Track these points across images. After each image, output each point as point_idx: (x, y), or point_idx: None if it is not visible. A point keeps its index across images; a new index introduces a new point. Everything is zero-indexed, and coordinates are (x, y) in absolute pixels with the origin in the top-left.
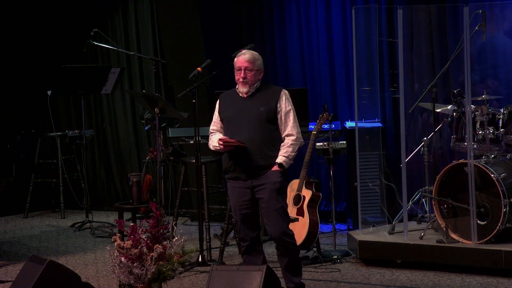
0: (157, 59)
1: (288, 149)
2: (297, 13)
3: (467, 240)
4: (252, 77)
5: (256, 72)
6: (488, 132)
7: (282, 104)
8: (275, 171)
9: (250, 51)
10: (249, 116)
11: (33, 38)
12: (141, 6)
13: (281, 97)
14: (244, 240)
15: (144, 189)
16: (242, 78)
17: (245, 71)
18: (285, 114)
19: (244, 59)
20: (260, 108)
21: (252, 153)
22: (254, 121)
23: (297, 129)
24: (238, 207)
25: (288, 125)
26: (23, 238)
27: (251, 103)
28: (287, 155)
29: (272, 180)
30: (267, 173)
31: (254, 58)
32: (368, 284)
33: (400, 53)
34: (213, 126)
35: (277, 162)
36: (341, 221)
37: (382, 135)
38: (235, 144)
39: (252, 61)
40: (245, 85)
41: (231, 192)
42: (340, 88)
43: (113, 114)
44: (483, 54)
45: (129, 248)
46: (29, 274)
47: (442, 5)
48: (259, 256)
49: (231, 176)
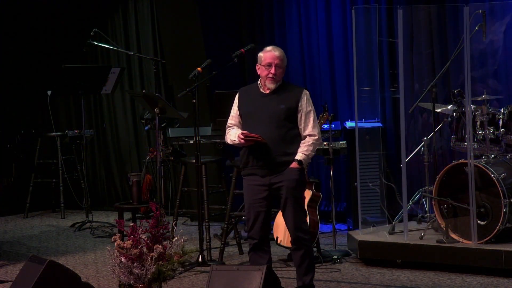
0: (157, 59)
1: (309, 148)
2: (297, 13)
3: (467, 240)
4: (280, 74)
5: (284, 70)
6: (488, 132)
7: (304, 103)
8: (293, 169)
9: (278, 48)
10: (268, 113)
11: (33, 38)
12: (141, 6)
13: (303, 97)
14: (252, 238)
15: (144, 189)
16: (272, 75)
17: (276, 67)
18: (306, 114)
19: (275, 55)
20: (281, 105)
21: (271, 150)
22: (273, 118)
23: (318, 130)
24: (252, 204)
25: (309, 125)
26: (23, 238)
27: (272, 100)
28: (307, 153)
29: (290, 177)
30: (285, 170)
31: (284, 56)
32: (368, 284)
33: (400, 53)
34: (231, 121)
35: (296, 159)
36: (341, 221)
37: (382, 135)
38: (257, 139)
39: (282, 58)
40: (273, 82)
41: (247, 189)
42: (340, 88)
43: (113, 114)
44: (483, 54)
45: (129, 248)
46: (29, 274)
47: (442, 5)
48: (265, 256)
49: (248, 172)
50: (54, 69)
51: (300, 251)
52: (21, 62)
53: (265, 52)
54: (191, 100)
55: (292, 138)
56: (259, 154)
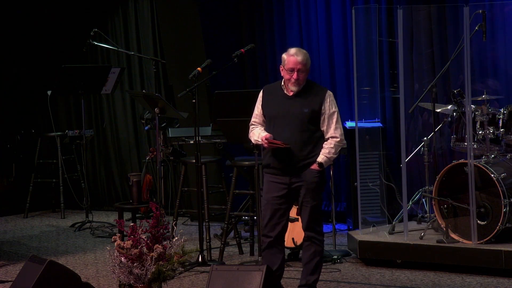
0: (157, 59)
1: (331, 150)
2: (297, 13)
3: (467, 240)
4: (304, 78)
5: (307, 73)
6: (488, 132)
7: (327, 106)
8: (313, 170)
9: (302, 51)
10: (292, 116)
11: (33, 38)
12: (141, 6)
13: (326, 99)
14: (266, 236)
15: (144, 189)
16: (295, 80)
17: (298, 72)
18: (329, 116)
19: (297, 61)
20: (305, 110)
21: (294, 153)
22: (297, 122)
23: (341, 131)
24: (270, 201)
25: (331, 127)
26: (23, 238)
27: (296, 102)
28: (329, 156)
29: (309, 179)
30: (305, 171)
31: (307, 59)
32: (368, 284)
33: (400, 53)
34: (255, 119)
35: (318, 161)
36: (341, 221)
37: (382, 135)
38: (280, 145)
39: (305, 63)
40: (297, 85)
41: (267, 186)
42: (340, 88)
43: (113, 114)
44: (483, 54)
45: (129, 248)
46: (29, 274)
47: (442, 5)
48: (279, 254)
49: (271, 171)
50: (54, 69)
51: (311, 249)
52: (21, 62)
53: (289, 56)
54: (191, 100)
55: (315, 141)
56: (282, 157)
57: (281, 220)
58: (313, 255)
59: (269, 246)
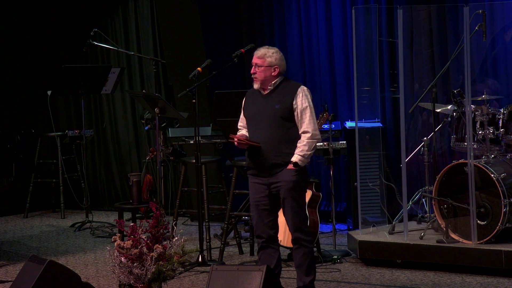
0: (157, 59)
1: (304, 148)
2: (297, 13)
3: (467, 240)
4: (261, 74)
5: (265, 69)
6: (488, 132)
7: (299, 101)
8: (290, 170)
9: (266, 47)
10: (266, 114)
11: (33, 38)
12: (141, 6)
13: (298, 94)
14: (260, 237)
15: (144, 189)
16: (252, 74)
17: (255, 67)
18: (301, 111)
19: (255, 55)
20: (276, 106)
21: (269, 151)
22: (270, 120)
23: (313, 126)
24: (255, 203)
25: (304, 122)
26: (23, 238)
27: (269, 101)
28: (303, 154)
29: (286, 179)
30: (282, 171)
31: (265, 54)
32: (368, 284)
33: (400, 53)
34: (240, 122)
35: (292, 161)
36: (341, 221)
37: (382, 135)
38: (248, 143)
39: (262, 57)
40: (256, 82)
41: (250, 187)
42: (340, 88)
43: (113, 114)
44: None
45: (129, 248)
46: (29, 274)
47: (442, 5)
48: (274, 254)
49: (251, 172)
50: (54, 69)
51: (300, 251)
52: (21, 62)
53: None
54: (191, 100)
55: (292, 138)
56: (258, 156)
57: (269, 220)
58: (304, 258)
59: (263, 247)
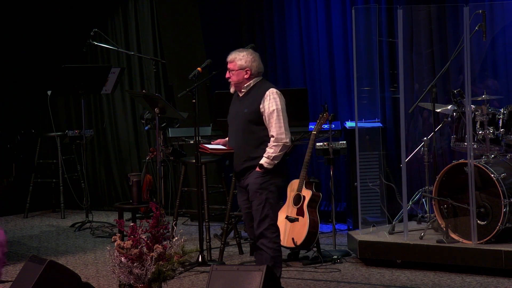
0: (157, 59)
1: (269, 150)
2: (297, 13)
3: (467, 240)
4: (234, 77)
5: (237, 72)
6: (488, 132)
7: (266, 104)
8: (256, 172)
9: (236, 51)
10: (238, 118)
11: (33, 38)
12: (141, 6)
13: (266, 97)
14: (250, 238)
15: (144, 189)
16: (227, 78)
17: (229, 71)
18: (269, 114)
19: (227, 59)
20: (245, 110)
21: (239, 155)
22: (240, 124)
23: (278, 130)
24: (240, 205)
25: (272, 125)
26: (23, 238)
27: (241, 104)
28: (268, 156)
29: (251, 181)
30: (250, 173)
31: (235, 58)
32: (368, 284)
33: (400, 53)
34: None
35: (259, 163)
36: (341, 221)
37: (382, 135)
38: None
39: (232, 61)
40: (231, 85)
41: (237, 191)
42: (340, 88)
43: (113, 114)
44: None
45: (129, 248)
46: (29, 274)
47: (442, 5)
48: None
49: (234, 175)
50: (54, 69)
51: (261, 257)
52: (21, 62)
53: None
54: (191, 100)
55: (260, 141)
56: (233, 160)
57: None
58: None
59: (255, 248)
